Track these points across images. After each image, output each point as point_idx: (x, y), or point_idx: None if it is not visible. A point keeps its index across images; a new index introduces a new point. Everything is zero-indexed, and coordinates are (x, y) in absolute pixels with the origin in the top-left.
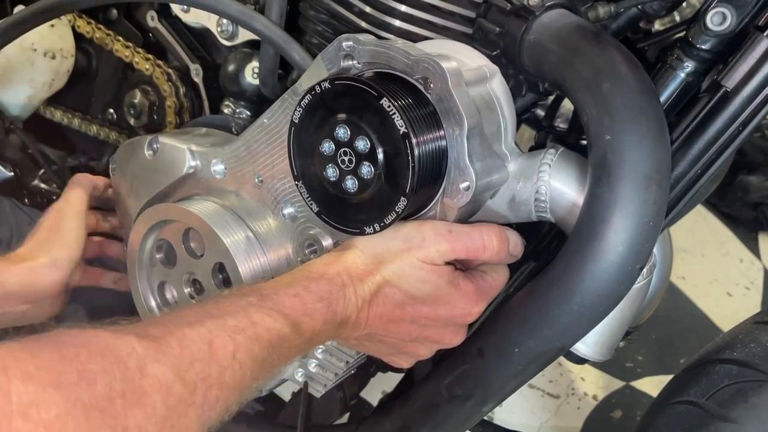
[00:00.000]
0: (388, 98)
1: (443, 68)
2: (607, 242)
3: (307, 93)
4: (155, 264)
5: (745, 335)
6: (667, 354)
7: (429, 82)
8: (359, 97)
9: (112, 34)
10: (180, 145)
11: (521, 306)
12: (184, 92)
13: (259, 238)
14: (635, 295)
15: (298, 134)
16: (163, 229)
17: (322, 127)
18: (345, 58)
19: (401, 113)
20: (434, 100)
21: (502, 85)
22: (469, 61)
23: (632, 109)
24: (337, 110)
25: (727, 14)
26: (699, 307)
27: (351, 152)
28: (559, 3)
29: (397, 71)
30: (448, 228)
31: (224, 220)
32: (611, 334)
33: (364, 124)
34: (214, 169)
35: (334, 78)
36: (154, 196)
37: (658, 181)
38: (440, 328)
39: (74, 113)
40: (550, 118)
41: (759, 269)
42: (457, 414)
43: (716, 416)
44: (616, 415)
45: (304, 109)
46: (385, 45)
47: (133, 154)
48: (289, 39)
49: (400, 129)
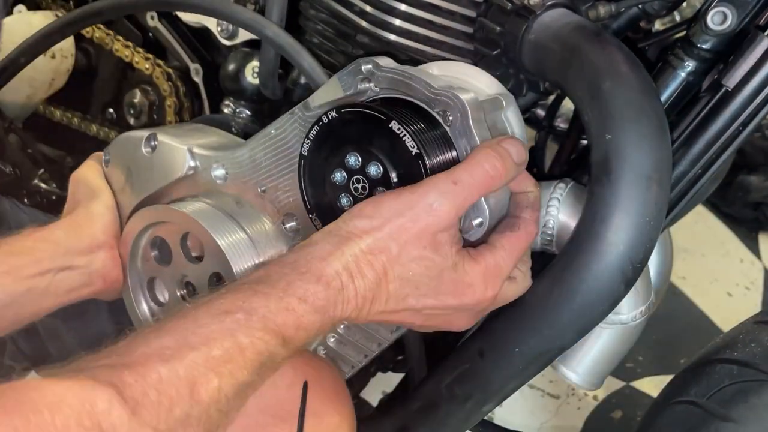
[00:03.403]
0: (397, 121)
1: (464, 103)
2: (607, 242)
3: (314, 125)
4: (148, 260)
5: (745, 335)
6: (667, 354)
7: (448, 115)
8: (368, 123)
9: (112, 33)
10: (179, 146)
11: (521, 306)
12: (184, 92)
13: (257, 246)
14: (631, 331)
15: (308, 166)
16: (159, 227)
17: (332, 156)
18: (362, 80)
19: (412, 135)
20: (452, 133)
21: (516, 115)
22: (485, 88)
23: (633, 109)
24: (347, 138)
25: (728, 14)
26: (699, 307)
27: (364, 179)
28: (560, 2)
29: (415, 100)
30: (451, 180)
31: (223, 226)
32: (604, 365)
33: (375, 149)
34: (215, 173)
35: (341, 107)
36: (150, 195)
37: (659, 181)
38: (447, 316)
39: (74, 113)
40: (550, 117)
41: (759, 269)
42: (457, 414)
43: (717, 416)
44: (616, 416)
45: (312, 141)
46: (406, 74)
47: (129, 149)
48: (299, 47)
49: (412, 150)
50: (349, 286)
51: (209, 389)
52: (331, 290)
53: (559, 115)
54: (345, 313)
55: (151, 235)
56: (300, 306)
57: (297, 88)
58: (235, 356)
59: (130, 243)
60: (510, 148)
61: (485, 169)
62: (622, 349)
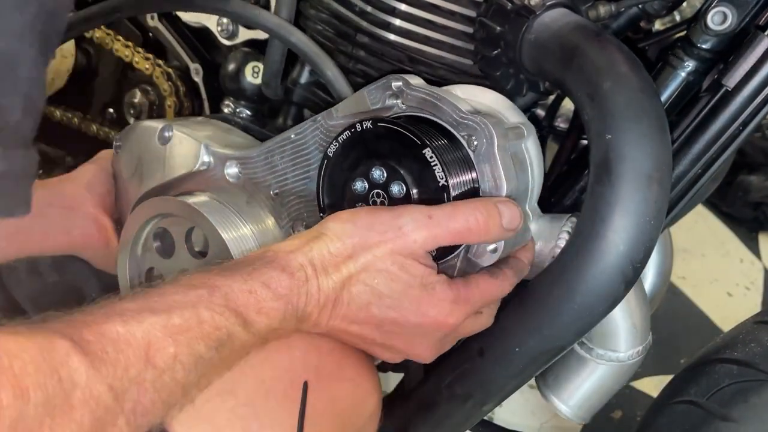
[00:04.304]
0: (432, 149)
1: (492, 131)
2: (607, 241)
3: (346, 129)
4: (149, 250)
5: (745, 335)
6: (667, 354)
7: (473, 139)
8: (401, 143)
9: (112, 33)
10: (195, 140)
11: (521, 305)
12: (184, 92)
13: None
14: (626, 369)
15: (330, 168)
16: (165, 219)
17: (357, 165)
18: (391, 96)
19: (443, 165)
20: (476, 158)
21: (536, 145)
22: (509, 115)
23: (633, 109)
24: (376, 151)
25: (728, 13)
26: (699, 307)
27: (384, 194)
28: (560, 2)
29: (441, 121)
30: (427, 214)
31: (231, 224)
32: (595, 401)
33: (403, 170)
34: (228, 171)
35: (378, 119)
36: (159, 186)
37: (659, 181)
38: (408, 336)
39: (74, 113)
40: (550, 117)
41: (759, 269)
42: (457, 414)
43: (717, 416)
44: (616, 416)
45: (340, 145)
46: (435, 95)
47: (142, 138)
48: (324, 56)
49: (440, 181)
50: (313, 281)
51: (165, 355)
52: (294, 281)
53: (559, 115)
54: (308, 307)
55: (155, 225)
56: (262, 291)
57: (297, 88)
58: (193, 326)
59: (133, 231)
60: (504, 211)
61: (465, 218)
62: (615, 387)
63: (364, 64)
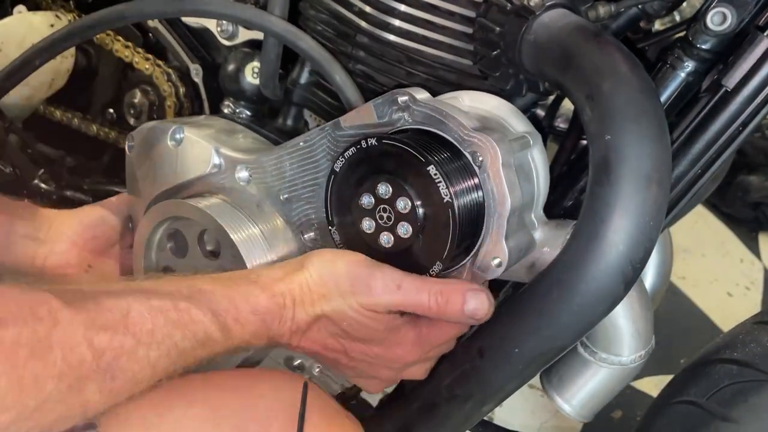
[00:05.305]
0: (436, 166)
1: (496, 149)
2: (607, 242)
3: (352, 145)
4: (163, 249)
5: (745, 335)
6: (667, 354)
7: (478, 156)
8: (405, 159)
9: (112, 33)
10: (206, 143)
11: (521, 306)
12: (184, 92)
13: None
14: (629, 373)
15: (337, 183)
16: (178, 220)
17: (363, 180)
18: (397, 110)
19: (447, 182)
20: (480, 175)
21: (542, 154)
22: (515, 123)
23: (632, 109)
24: (382, 167)
25: (728, 14)
26: (699, 307)
27: (390, 210)
28: (560, 3)
29: (447, 136)
30: (397, 283)
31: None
32: (597, 401)
33: (408, 186)
34: (239, 175)
35: (383, 137)
36: (171, 188)
37: (659, 181)
38: (373, 364)
39: (74, 113)
40: (550, 118)
41: (759, 269)
42: (457, 414)
43: (717, 416)
44: (616, 416)
45: (347, 161)
46: (442, 111)
47: (154, 139)
48: (332, 60)
49: (444, 198)
50: (290, 310)
51: (143, 328)
52: (273, 303)
53: (559, 115)
54: (281, 330)
55: (169, 227)
56: (242, 303)
57: (297, 89)
58: (170, 311)
59: (147, 232)
60: (470, 301)
61: (428, 297)
62: (617, 389)
63: (364, 64)
